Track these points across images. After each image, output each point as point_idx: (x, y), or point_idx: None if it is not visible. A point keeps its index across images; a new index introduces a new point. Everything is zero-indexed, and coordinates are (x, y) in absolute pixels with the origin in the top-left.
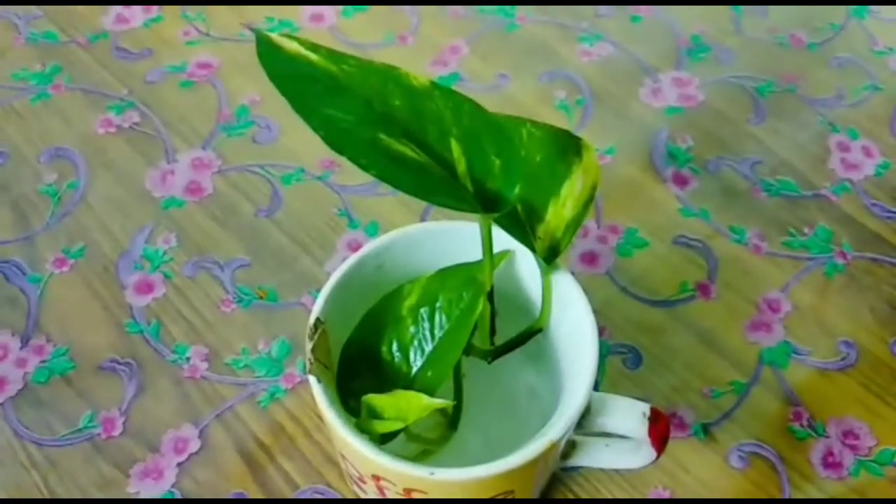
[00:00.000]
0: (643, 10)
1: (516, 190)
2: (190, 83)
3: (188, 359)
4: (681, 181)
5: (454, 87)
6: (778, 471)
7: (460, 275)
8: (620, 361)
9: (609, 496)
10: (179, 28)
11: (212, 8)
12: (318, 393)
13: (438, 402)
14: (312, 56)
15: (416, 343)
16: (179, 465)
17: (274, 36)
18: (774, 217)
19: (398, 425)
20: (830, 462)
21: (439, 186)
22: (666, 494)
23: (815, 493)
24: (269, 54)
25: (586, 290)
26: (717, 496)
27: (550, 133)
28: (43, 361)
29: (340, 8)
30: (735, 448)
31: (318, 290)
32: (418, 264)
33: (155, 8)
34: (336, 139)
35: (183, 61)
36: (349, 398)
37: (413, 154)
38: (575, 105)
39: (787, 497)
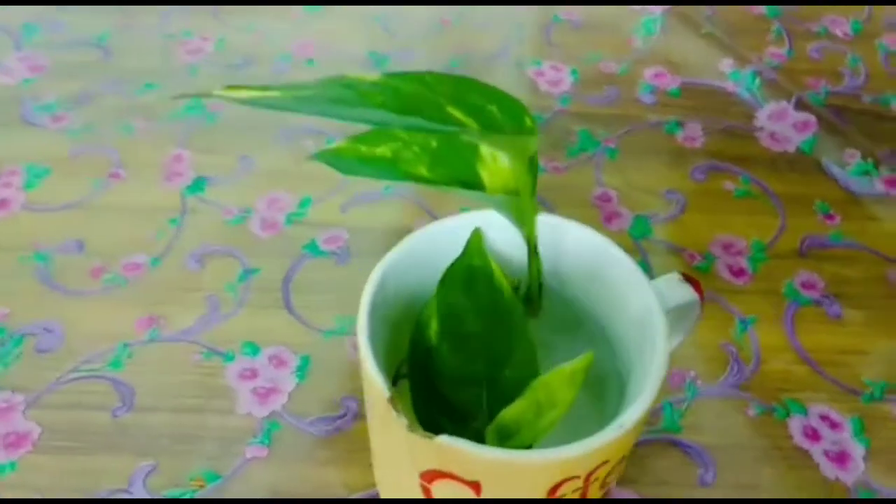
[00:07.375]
0: (312, 54)
1: (527, 122)
2: None
3: None
4: None
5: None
6: (721, 305)
7: (455, 275)
8: None
9: None
10: None
11: None
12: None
13: (578, 361)
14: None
15: (468, 356)
16: None
17: (224, 93)
18: (542, 144)
19: (556, 413)
20: (736, 271)
21: None
22: None
23: (742, 287)
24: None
25: None
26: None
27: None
28: None
29: (22, 183)
30: None
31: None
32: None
33: None
34: None
35: None
36: None
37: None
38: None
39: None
